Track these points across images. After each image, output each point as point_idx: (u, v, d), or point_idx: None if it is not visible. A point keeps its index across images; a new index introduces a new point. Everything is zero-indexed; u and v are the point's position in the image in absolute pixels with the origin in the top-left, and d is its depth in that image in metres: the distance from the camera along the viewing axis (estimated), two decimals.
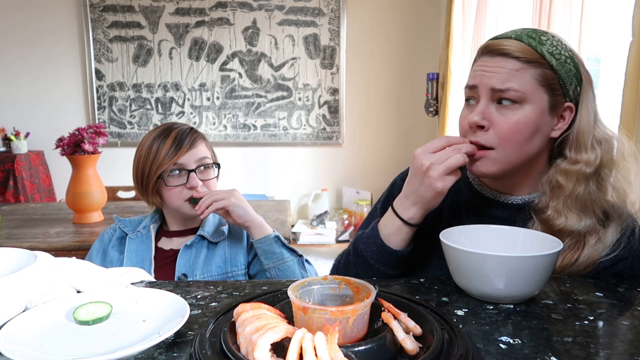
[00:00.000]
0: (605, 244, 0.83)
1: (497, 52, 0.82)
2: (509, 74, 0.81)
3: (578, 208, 0.83)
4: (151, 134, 1.19)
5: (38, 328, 0.63)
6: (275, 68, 3.62)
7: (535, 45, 0.81)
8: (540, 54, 0.81)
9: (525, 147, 0.83)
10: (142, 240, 1.21)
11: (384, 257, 0.87)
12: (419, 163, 0.82)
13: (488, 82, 0.82)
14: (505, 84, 0.81)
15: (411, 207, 0.85)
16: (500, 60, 0.82)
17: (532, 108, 0.81)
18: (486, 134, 0.83)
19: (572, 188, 0.83)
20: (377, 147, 3.77)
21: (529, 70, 0.81)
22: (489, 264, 0.70)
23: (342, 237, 3.56)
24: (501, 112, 0.82)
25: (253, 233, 1.15)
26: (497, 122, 0.82)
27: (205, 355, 0.51)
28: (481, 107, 0.83)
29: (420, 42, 3.63)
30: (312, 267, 1.19)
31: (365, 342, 0.50)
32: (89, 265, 0.80)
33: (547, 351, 0.57)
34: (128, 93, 3.59)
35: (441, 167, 0.80)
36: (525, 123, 0.81)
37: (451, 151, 0.81)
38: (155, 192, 1.18)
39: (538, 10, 2.01)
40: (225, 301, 0.74)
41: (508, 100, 0.81)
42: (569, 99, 0.84)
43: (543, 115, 0.83)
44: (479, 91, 0.84)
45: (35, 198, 3.32)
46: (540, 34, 0.84)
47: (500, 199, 0.92)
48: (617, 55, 1.67)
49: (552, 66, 0.81)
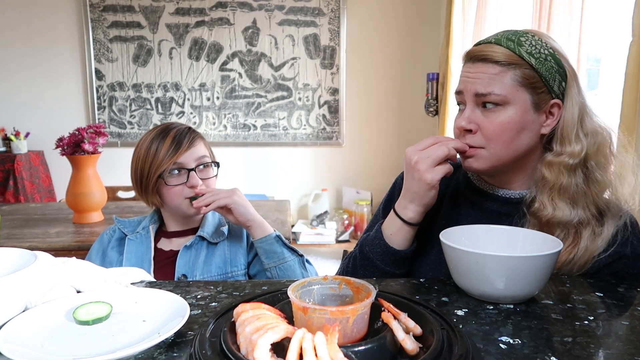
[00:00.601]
0: (601, 237, 0.85)
1: (477, 57, 0.87)
2: (490, 79, 0.85)
3: (565, 199, 0.85)
4: (149, 135, 1.18)
5: (38, 328, 0.63)
6: (275, 68, 3.62)
7: (513, 47, 0.84)
8: (518, 55, 0.84)
9: (513, 145, 0.86)
10: (142, 241, 1.20)
11: (388, 257, 0.90)
12: (408, 159, 0.87)
13: (471, 88, 0.87)
14: (487, 88, 0.84)
15: (409, 206, 0.89)
16: (481, 66, 0.86)
17: (515, 109, 0.85)
18: (475, 137, 0.87)
19: (555, 179, 0.85)
20: (377, 147, 3.77)
21: (509, 72, 0.84)
22: (489, 264, 0.70)
23: (342, 237, 3.56)
24: (486, 115, 0.86)
25: (254, 232, 1.15)
26: (483, 125, 0.86)
27: (205, 355, 0.51)
28: (467, 113, 0.88)
29: (420, 42, 3.63)
30: (312, 267, 1.19)
31: (365, 342, 0.50)
32: (89, 265, 0.80)
33: (547, 351, 0.57)
34: (128, 93, 3.59)
35: (428, 160, 0.84)
36: (509, 123, 0.85)
37: (437, 146, 0.86)
38: (155, 191, 1.18)
39: (538, 10, 2.01)
40: (225, 301, 0.74)
41: (491, 103, 0.85)
42: (554, 96, 0.86)
43: (527, 114, 0.85)
44: (464, 97, 0.88)
45: (35, 198, 3.32)
46: (520, 35, 0.86)
47: (498, 193, 0.95)
48: (617, 55, 1.67)
49: (531, 65, 0.84)
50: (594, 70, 1.88)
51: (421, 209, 0.88)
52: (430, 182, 0.84)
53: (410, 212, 0.88)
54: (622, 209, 0.87)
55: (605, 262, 0.86)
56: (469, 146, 0.88)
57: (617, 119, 1.46)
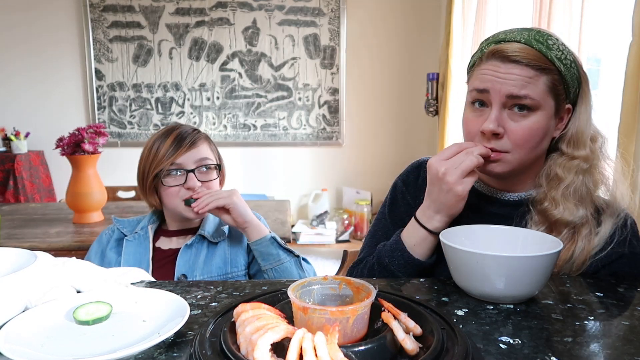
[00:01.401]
0: (598, 236, 0.85)
1: (509, 58, 0.82)
2: (524, 81, 0.81)
3: (575, 199, 0.85)
4: (156, 134, 1.19)
5: (38, 328, 0.63)
6: (275, 68, 3.62)
7: (545, 51, 0.82)
8: (550, 60, 0.82)
9: (536, 150, 0.86)
10: (140, 242, 1.20)
11: (412, 268, 0.88)
12: (434, 171, 0.83)
13: (502, 89, 0.82)
14: (522, 91, 0.81)
15: (435, 216, 0.86)
16: (514, 67, 0.81)
17: (542, 114, 0.83)
18: (501, 141, 0.84)
19: (571, 180, 0.85)
20: (377, 147, 3.77)
21: (542, 77, 0.82)
22: (489, 264, 0.70)
23: (342, 237, 3.56)
24: (514, 119, 0.83)
25: (250, 234, 1.14)
26: (511, 130, 0.83)
27: (205, 355, 0.51)
28: (495, 114, 0.83)
29: (420, 42, 3.63)
30: (310, 266, 1.19)
31: (365, 342, 0.50)
32: (89, 265, 0.80)
33: (547, 351, 0.57)
34: (128, 93, 3.59)
35: (457, 170, 0.81)
36: (538, 129, 0.83)
37: (464, 155, 0.82)
38: (154, 191, 1.17)
39: (538, 10, 2.00)
40: (225, 301, 0.74)
41: (524, 107, 0.82)
42: (569, 101, 0.86)
43: (550, 120, 0.85)
44: (490, 96, 0.83)
45: (35, 198, 3.31)
46: (547, 37, 0.84)
47: (497, 196, 0.94)
48: (617, 55, 1.67)
49: (560, 72, 0.82)
50: (594, 70, 1.88)
51: (448, 219, 0.86)
52: (461, 194, 0.82)
53: (437, 222, 0.86)
54: (620, 208, 0.88)
55: (604, 262, 0.86)
56: (492, 150, 0.84)
57: (617, 119, 1.46)
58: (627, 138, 1.38)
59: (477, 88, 0.85)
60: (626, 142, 1.38)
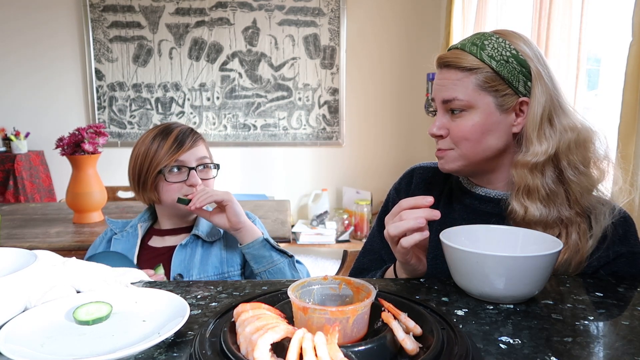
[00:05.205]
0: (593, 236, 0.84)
1: (443, 64, 0.89)
2: (453, 84, 0.87)
3: (535, 200, 0.85)
4: (150, 133, 1.19)
5: (38, 328, 0.63)
6: (275, 68, 3.62)
7: (475, 51, 0.85)
8: (480, 59, 0.85)
9: (481, 146, 0.88)
10: (128, 239, 1.21)
11: None
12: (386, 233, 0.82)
13: (437, 95, 0.90)
14: (451, 94, 0.87)
15: (402, 275, 0.89)
16: (447, 72, 0.88)
17: (478, 112, 0.86)
18: (444, 140, 0.91)
19: (521, 180, 0.86)
20: (377, 147, 3.77)
21: (470, 77, 0.85)
22: (489, 264, 0.70)
23: (342, 237, 3.56)
24: (454, 120, 0.89)
25: (243, 236, 1.13)
26: (451, 129, 0.89)
27: (205, 355, 0.51)
28: (438, 119, 0.91)
29: (420, 42, 3.63)
30: (303, 266, 1.18)
31: (365, 342, 0.50)
32: (88, 265, 0.80)
33: (547, 351, 0.57)
34: (128, 93, 3.59)
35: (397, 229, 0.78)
36: (474, 126, 0.87)
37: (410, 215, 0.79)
38: (154, 187, 1.18)
39: (538, 10, 2.00)
40: (225, 301, 0.74)
41: (457, 109, 0.87)
42: (522, 95, 0.86)
43: (492, 116, 0.86)
44: (435, 103, 0.91)
45: (35, 198, 3.31)
46: (485, 38, 0.87)
47: (476, 191, 0.96)
48: (617, 55, 1.67)
49: (492, 68, 0.84)
50: (594, 70, 1.88)
51: (410, 275, 0.87)
52: (399, 250, 0.80)
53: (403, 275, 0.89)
54: (615, 207, 0.87)
55: (603, 262, 0.86)
56: (438, 149, 0.92)
57: (617, 119, 1.46)
58: (627, 138, 1.38)
59: (430, 98, 0.92)
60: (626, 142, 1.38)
